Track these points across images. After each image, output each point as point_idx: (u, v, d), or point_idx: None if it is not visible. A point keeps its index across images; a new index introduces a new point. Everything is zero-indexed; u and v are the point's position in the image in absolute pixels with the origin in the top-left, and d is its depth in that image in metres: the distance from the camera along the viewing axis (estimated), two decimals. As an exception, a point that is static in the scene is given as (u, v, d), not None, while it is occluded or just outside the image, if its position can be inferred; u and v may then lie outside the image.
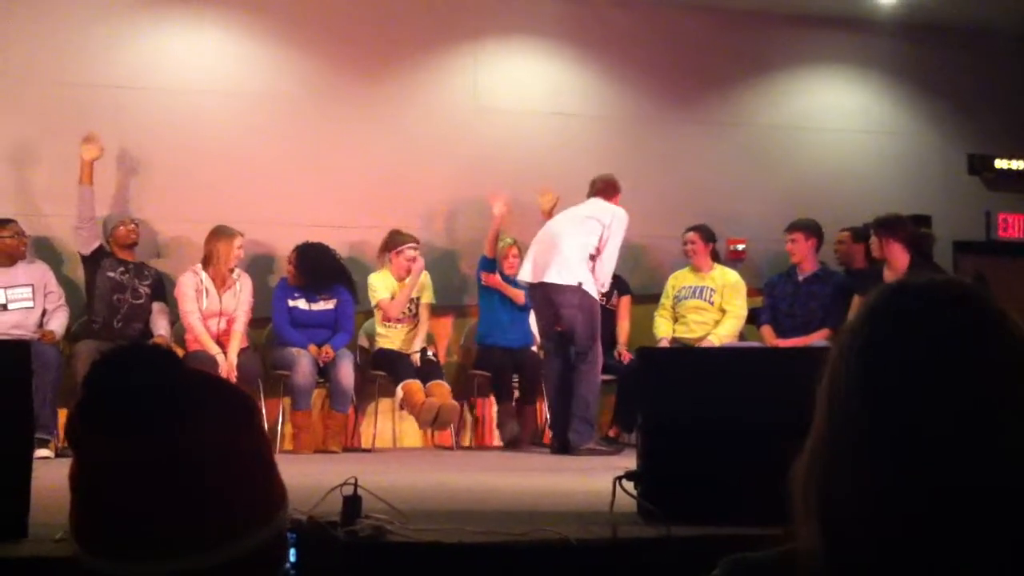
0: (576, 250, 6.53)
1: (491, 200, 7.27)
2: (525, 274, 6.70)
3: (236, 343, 6.73)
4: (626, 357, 7.30)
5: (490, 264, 7.37)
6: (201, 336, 6.67)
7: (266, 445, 1.19)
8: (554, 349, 6.69)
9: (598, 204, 6.71)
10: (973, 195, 8.87)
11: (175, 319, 6.87)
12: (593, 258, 6.58)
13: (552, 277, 6.51)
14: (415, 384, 6.85)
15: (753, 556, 1.07)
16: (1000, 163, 8.89)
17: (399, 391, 6.86)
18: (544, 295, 6.60)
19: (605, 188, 6.80)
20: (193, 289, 6.74)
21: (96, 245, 6.74)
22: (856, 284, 7.15)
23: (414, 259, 7.18)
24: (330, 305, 7.06)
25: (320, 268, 7.01)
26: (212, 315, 6.75)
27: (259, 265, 7.35)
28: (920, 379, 0.98)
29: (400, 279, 7.21)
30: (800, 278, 7.33)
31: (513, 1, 8.06)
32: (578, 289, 6.49)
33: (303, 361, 6.74)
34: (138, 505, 1.07)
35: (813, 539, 0.99)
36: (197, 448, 1.09)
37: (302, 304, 7.02)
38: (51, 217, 7.06)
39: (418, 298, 7.28)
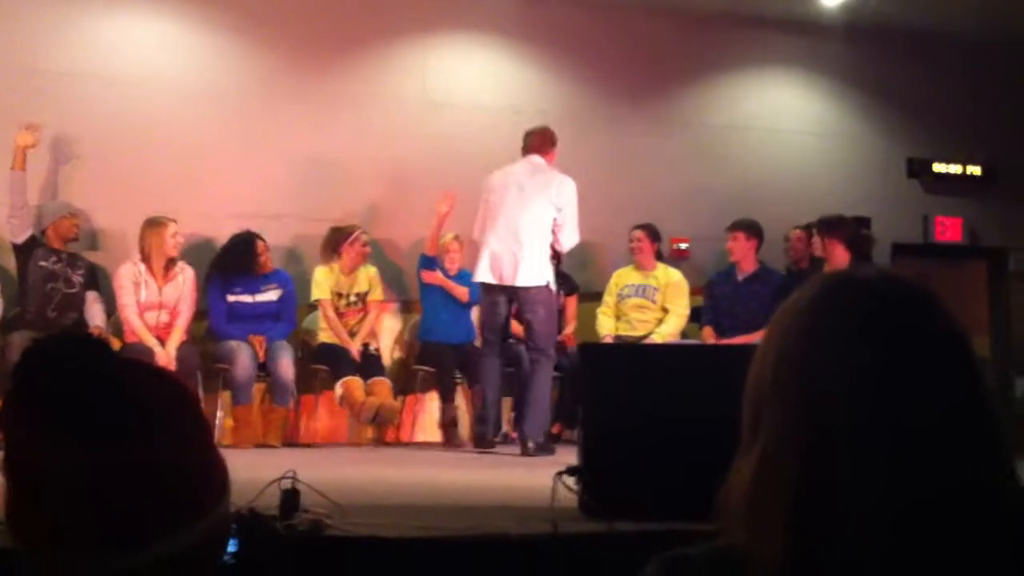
0: (542, 248, 6.27)
1: (440, 198, 7.16)
2: (483, 275, 6.30)
3: (177, 336, 6.63)
4: (570, 343, 7.25)
5: (430, 262, 7.33)
6: (137, 329, 6.57)
7: (205, 430, 1.17)
8: (495, 345, 6.53)
9: (542, 173, 6.34)
10: (912, 198, 9.02)
11: (112, 311, 6.76)
12: (552, 247, 6.33)
13: (522, 280, 6.21)
14: (355, 381, 6.80)
15: (686, 553, 1.05)
16: (938, 167, 9.04)
17: (338, 388, 6.81)
18: (507, 297, 6.33)
19: (543, 143, 6.39)
20: (131, 281, 6.63)
21: (29, 234, 6.62)
22: (796, 284, 7.21)
23: (367, 244, 7.17)
24: (274, 296, 6.99)
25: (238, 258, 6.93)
26: (152, 307, 6.65)
27: (200, 256, 7.24)
28: (879, 381, 0.97)
29: (355, 268, 7.16)
30: (740, 278, 7.39)
31: (463, -4, 8.06)
32: (545, 288, 6.28)
33: (242, 355, 6.66)
34: (73, 494, 1.04)
35: (770, 541, 0.97)
36: (133, 436, 1.07)
37: (245, 298, 6.93)
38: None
39: (366, 292, 7.24)
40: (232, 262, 6.93)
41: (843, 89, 8.91)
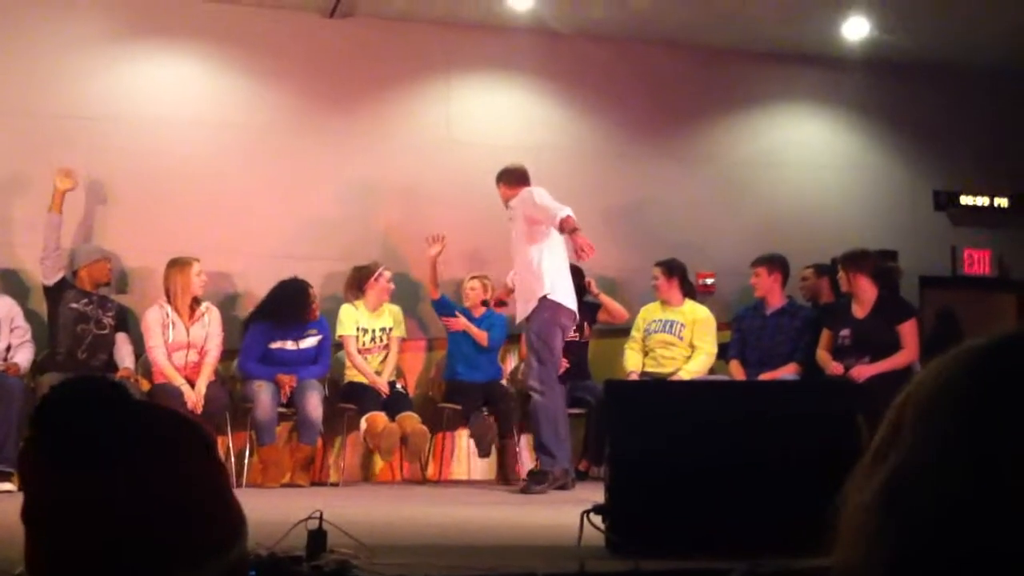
0: None
1: (429, 241, 7.17)
2: (573, 302, 6.40)
3: (206, 375, 6.66)
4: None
5: (444, 306, 7.33)
6: (166, 370, 6.61)
7: (220, 475, 1.17)
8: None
9: None
10: (939, 231, 8.95)
11: (141, 351, 6.80)
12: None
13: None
14: (379, 416, 6.78)
15: (767, 567, 1.01)
16: (966, 199, 8.99)
17: (363, 423, 6.80)
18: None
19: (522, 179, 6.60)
20: (159, 323, 6.68)
21: (60, 276, 6.69)
22: (824, 318, 7.20)
23: (391, 280, 7.20)
24: (315, 342, 7.02)
25: (293, 305, 6.96)
26: (180, 347, 6.69)
27: (226, 296, 7.31)
28: None
29: (380, 305, 7.19)
30: (768, 312, 7.36)
31: (486, 34, 8.10)
32: None
33: (262, 396, 6.67)
34: (87, 540, 1.05)
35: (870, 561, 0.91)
36: (145, 481, 1.07)
37: (289, 344, 6.94)
38: (20, 248, 7.01)
39: (389, 328, 7.26)
40: (286, 312, 6.92)
41: (867, 122, 8.89)
